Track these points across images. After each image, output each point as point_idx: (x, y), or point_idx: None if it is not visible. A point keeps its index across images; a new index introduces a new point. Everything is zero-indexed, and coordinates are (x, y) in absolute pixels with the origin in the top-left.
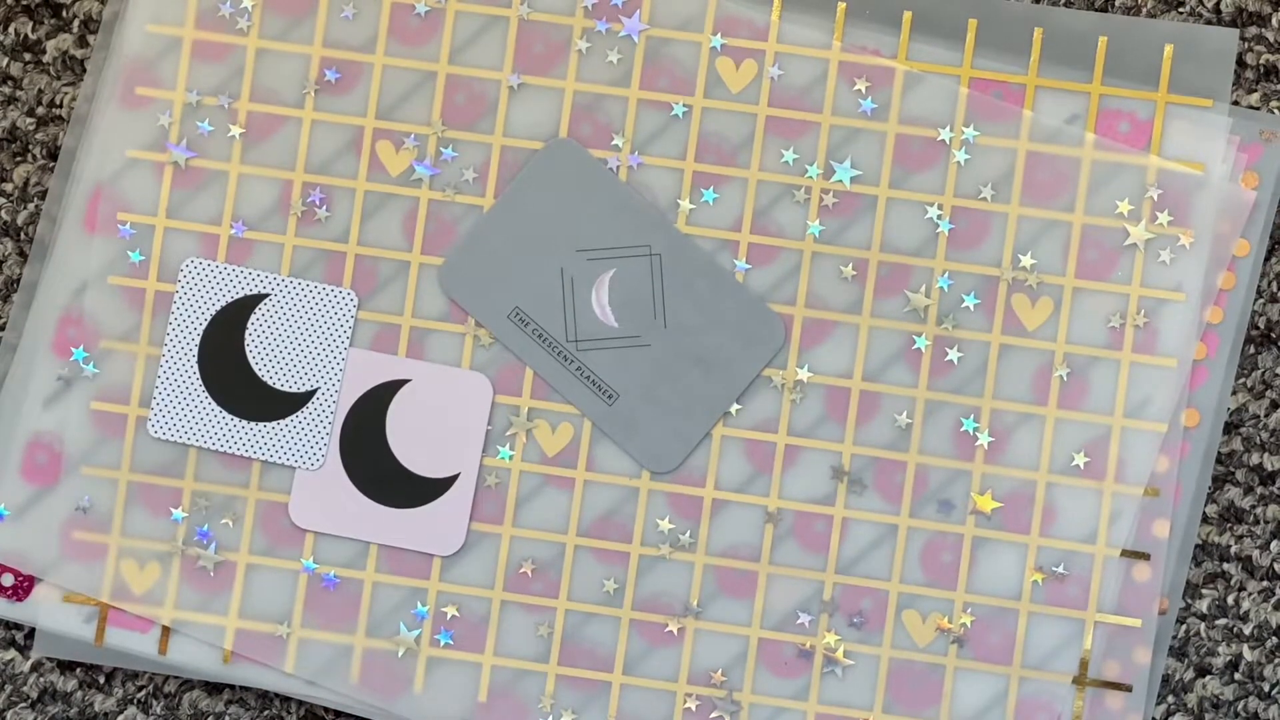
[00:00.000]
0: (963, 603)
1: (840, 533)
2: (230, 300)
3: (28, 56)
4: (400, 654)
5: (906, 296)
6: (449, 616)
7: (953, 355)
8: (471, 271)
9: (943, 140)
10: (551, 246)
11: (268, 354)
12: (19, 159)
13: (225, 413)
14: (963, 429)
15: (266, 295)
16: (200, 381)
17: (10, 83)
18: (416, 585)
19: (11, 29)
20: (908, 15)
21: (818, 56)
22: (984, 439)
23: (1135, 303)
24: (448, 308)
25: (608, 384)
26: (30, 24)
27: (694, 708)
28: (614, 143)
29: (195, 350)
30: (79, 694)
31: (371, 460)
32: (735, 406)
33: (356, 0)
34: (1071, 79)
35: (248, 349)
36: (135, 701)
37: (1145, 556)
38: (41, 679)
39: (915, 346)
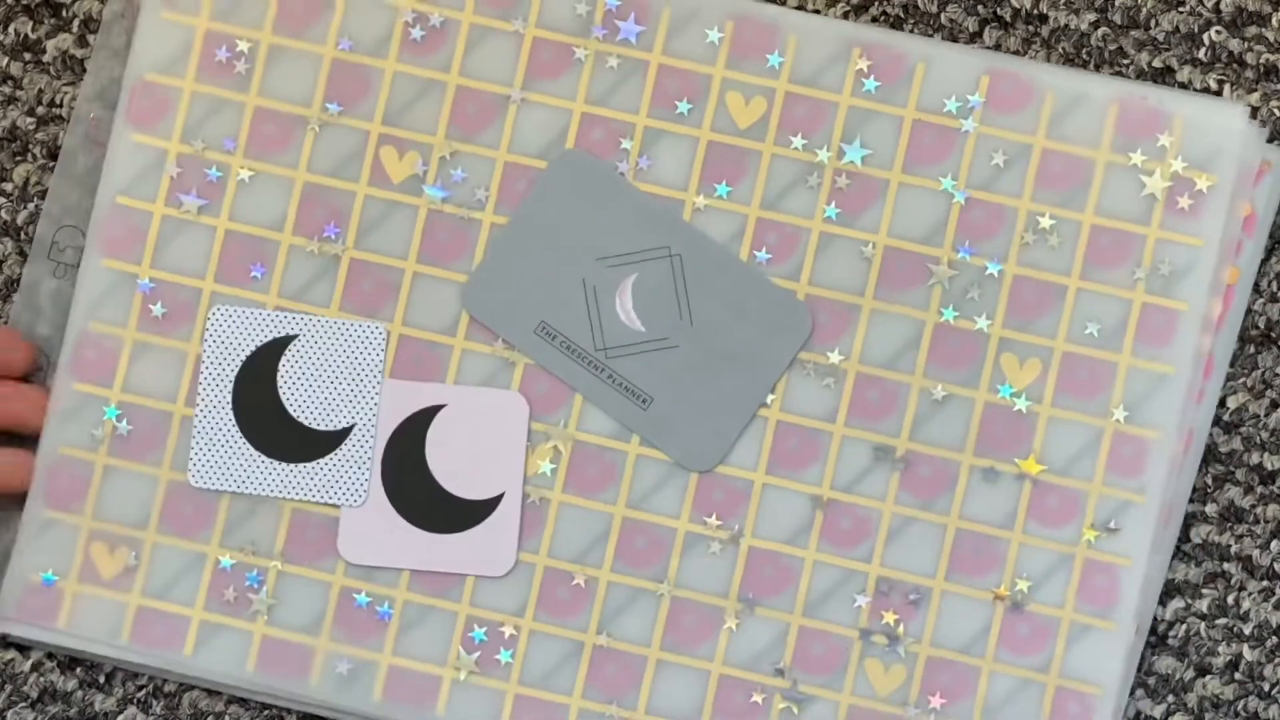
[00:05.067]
0: (1016, 571)
1: (887, 512)
2: (259, 345)
3: (28, 56)
4: (463, 677)
5: (929, 270)
6: (507, 635)
7: (981, 324)
8: (494, 290)
9: (951, 112)
10: (571, 257)
11: (302, 395)
12: (19, 159)
13: (265, 458)
14: (1000, 397)
15: (295, 336)
16: (238, 429)
17: (10, 83)
18: (464, 605)
19: (11, 29)
20: (920, 67)
21: (828, 48)
22: (1021, 404)
23: (1140, 296)
24: (474, 328)
25: (640, 389)
26: (30, 24)
27: (760, 701)
28: (623, 146)
29: (229, 398)
30: (79, 694)
31: (415, 489)
32: (770, 397)
33: (358, 17)
34: (1081, 143)
35: (281, 392)
36: (135, 701)
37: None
38: (41, 679)
39: (943, 319)
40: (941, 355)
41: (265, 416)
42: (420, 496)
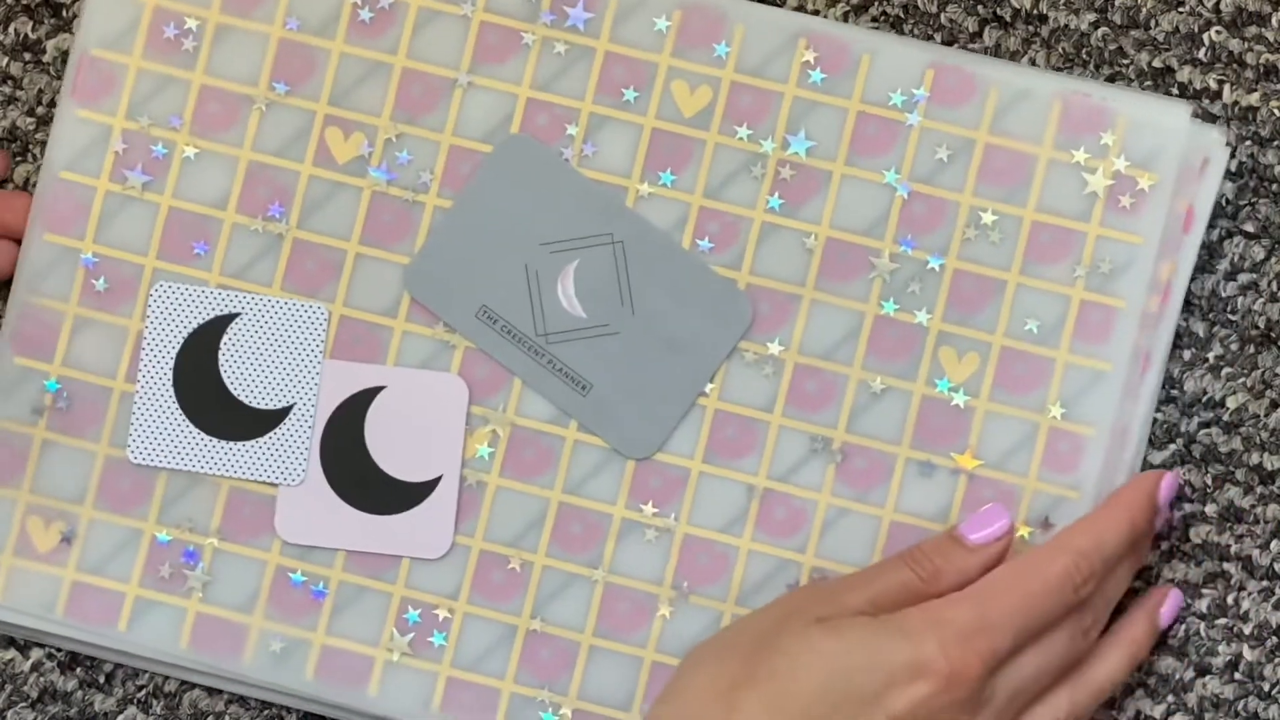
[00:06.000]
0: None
1: (823, 503)
2: (202, 322)
3: (28, 56)
4: (395, 658)
5: (871, 263)
6: (441, 618)
7: (921, 318)
8: (436, 273)
9: (896, 105)
10: (514, 242)
11: (243, 373)
12: (19, 159)
13: (204, 435)
14: (938, 391)
15: (238, 315)
16: (178, 406)
17: (10, 83)
18: (399, 587)
19: (11, 29)
20: (865, 59)
21: (776, 36)
22: (959, 398)
23: (1078, 296)
24: (415, 310)
25: (580, 375)
26: (30, 24)
27: None
28: (568, 132)
29: (170, 375)
30: (79, 694)
31: (353, 469)
32: (709, 386)
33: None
34: (1024, 138)
35: (222, 370)
36: (135, 701)
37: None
38: (41, 679)
39: (883, 312)
40: (880, 348)
41: (205, 394)
42: (358, 477)
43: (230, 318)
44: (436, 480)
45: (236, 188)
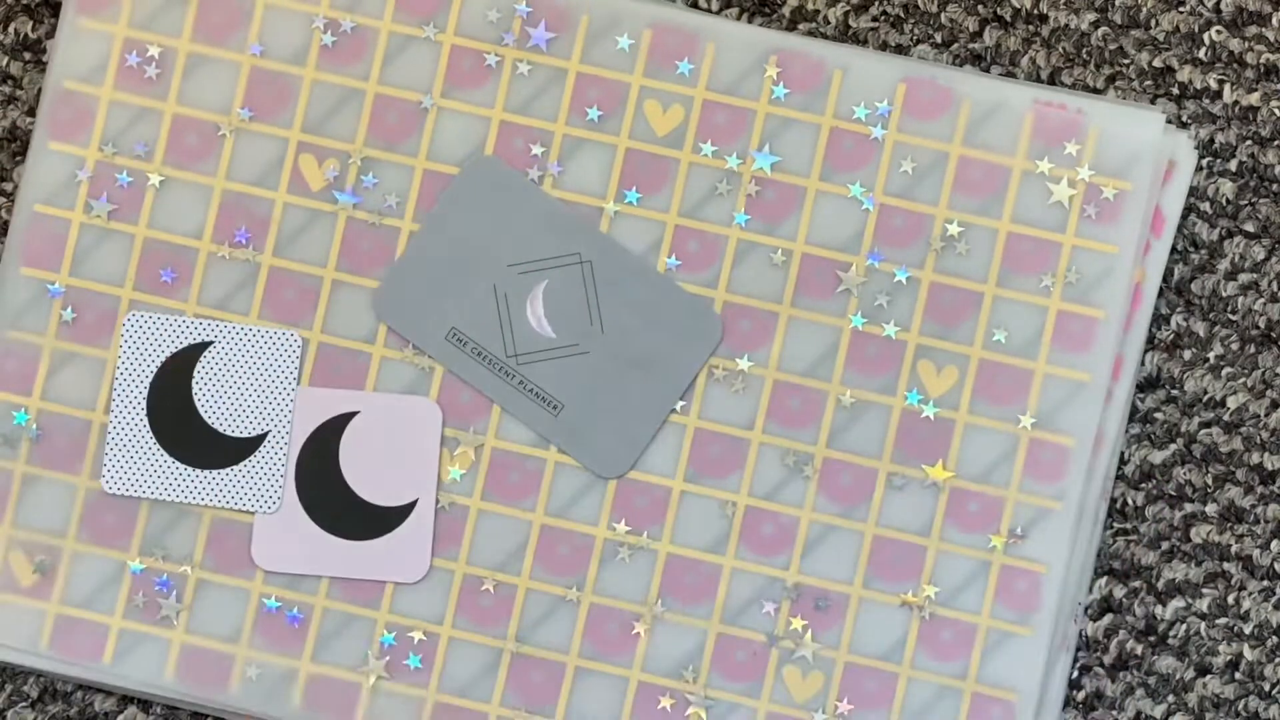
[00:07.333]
0: (933, 577)
1: (798, 518)
2: (175, 351)
3: (28, 56)
4: (371, 683)
5: (838, 277)
6: (416, 640)
7: (889, 330)
8: (405, 296)
9: (860, 119)
10: (482, 264)
11: (216, 401)
12: (19, 159)
13: (179, 464)
14: (907, 403)
15: (211, 343)
16: (151, 435)
17: (10, 82)
18: (383, 613)
19: (11, 28)
20: (838, 74)
21: (746, 54)
22: (929, 410)
23: (1056, 302)
24: (394, 336)
25: (551, 395)
26: (30, 24)
27: (669, 707)
28: (533, 152)
29: (143, 404)
30: (79, 694)
31: (328, 496)
32: (682, 404)
33: (275, 24)
34: (998, 150)
35: (196, 398)
36: (135, 701)
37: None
38: (41, 678)
39: (853, 326)
40: (860, 363)
41: (179, 422)
42: (333, 503)
43: (203, 346)
44: (412, 504)
45: (212, 217)
